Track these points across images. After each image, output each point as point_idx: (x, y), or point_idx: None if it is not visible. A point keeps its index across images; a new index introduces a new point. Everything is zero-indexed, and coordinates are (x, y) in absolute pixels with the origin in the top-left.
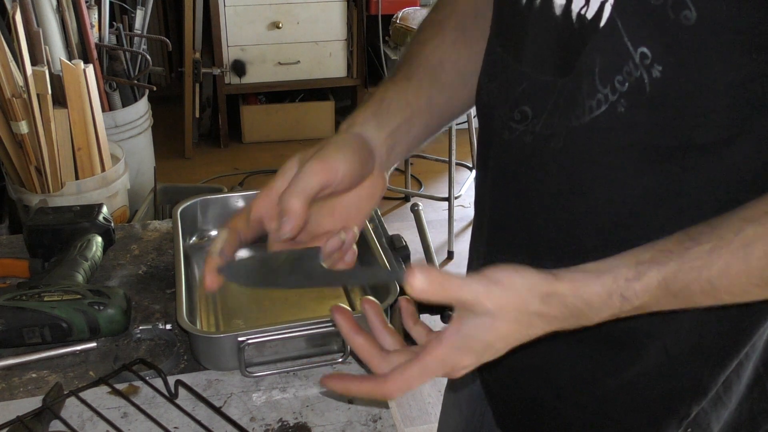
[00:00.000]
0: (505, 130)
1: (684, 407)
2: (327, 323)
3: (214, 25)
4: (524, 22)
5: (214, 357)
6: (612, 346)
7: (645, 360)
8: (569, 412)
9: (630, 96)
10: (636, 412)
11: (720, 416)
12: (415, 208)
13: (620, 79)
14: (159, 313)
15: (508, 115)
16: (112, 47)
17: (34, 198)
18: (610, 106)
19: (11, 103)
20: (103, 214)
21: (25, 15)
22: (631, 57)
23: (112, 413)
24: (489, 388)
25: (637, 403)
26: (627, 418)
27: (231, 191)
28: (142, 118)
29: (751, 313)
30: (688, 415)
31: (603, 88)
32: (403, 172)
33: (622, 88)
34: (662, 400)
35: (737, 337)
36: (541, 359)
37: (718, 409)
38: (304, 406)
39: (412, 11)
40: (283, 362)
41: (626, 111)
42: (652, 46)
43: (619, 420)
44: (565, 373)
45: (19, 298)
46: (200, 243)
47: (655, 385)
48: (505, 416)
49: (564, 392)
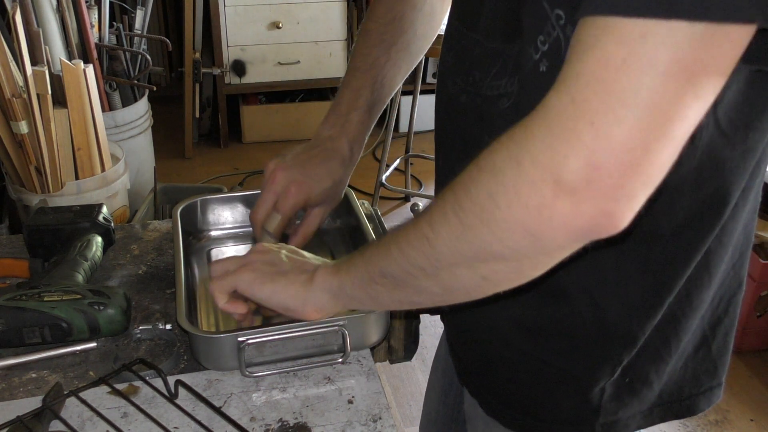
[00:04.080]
0: (461, 94)
1: (615, 354)
2: (327, 323)
3: (214, 25)
4: None
5: (214, 357)
6: (549, 297)
7: (577, 309)
8: (516, 359)
9: (550, 55)
10: (573, 358)
11: (660, 370)
12: (415, 208)
13: (542, 39)
14: (159, 313)
15: (464, 79)
16: (112, 47)
17: (34, 198)
18: (534, 65)
19: (11, 103)
20: (103, 214)
21: (25, 15)
22: (549, 19)
23: (112, 413)
24: (453, 349)
25: (574, 349)
26: (565, 363)
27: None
28: (142, 118)
29: (672, 269)
30: (620, 362)
31: (529, 48)
32: (403, 172)
33: (544, 47)
34: (595, 347)
35: (659, 289)
36: (492, 313)
37: (656, 363)
38: (304, 406)
39: None
40: (283, 362)
41: (547, 70)
42: (564, 8)
43: (558, 365)
44: (512, 325)
45: (19, 298)
46: (200, 243)
47: (588, 332)
48: (467, 374)
49: (511, 342)
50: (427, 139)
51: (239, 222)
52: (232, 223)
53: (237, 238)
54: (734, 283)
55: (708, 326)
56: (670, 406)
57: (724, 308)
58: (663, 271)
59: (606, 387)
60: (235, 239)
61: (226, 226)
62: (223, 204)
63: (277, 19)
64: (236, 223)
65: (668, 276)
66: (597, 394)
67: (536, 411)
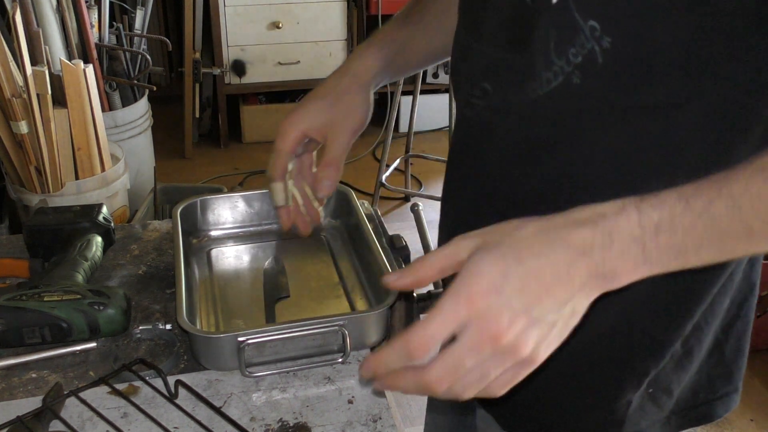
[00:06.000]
0: (466, 107)
1: (641, 365)
2: (327, 323)
3: (214, 25)
4: (483, 2)
5: (214, 357)
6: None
7: (603, 319)
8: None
9: (584, 67)
10: (598, 370)
11: (681, 379)
12: (415, 208)
13: (573, 52)
14: (159, 313)
15: (470, 92)
16: (112, 47)
17: (34, 198)
18: (566, 77)
19: (11, 103)
20: (103, 214)
21: (25, 15)
22: (582, 30)
23: (112, 413)
24: None
25: (599, 361)
26: (592, 376)
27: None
28: (142, 118)
29: (703, 278)
30: (647, 373)
31: (558, 60)
32: (403, 172)
33: (576, 60)
34: (621, 358)
35: (689, 299)
36: None
37: (678, 372)
38: (304, 406)
39: None
40: (283, 362)
41: (581, 82)
42: (600, 19)
43: (583, 378)
44: None
45: (19, 298)
46: (200, 243)
47: (614, 343)
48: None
49: None
50: (427, 139)
51: (239, 222)
52: (232, 223)
53: (237, 238)
54: (746, 286)
55: (720, 330)
56: (687, 412)
57: (735, 311)
58: (694, 280)
59: (632, 399)
60: (235, 239)
61: (226, 226)
62: (223, 204)
63: (277, 19)
64: (236, 223)
65: (699, 285)
66: (623, 406)
67: (557, 425)
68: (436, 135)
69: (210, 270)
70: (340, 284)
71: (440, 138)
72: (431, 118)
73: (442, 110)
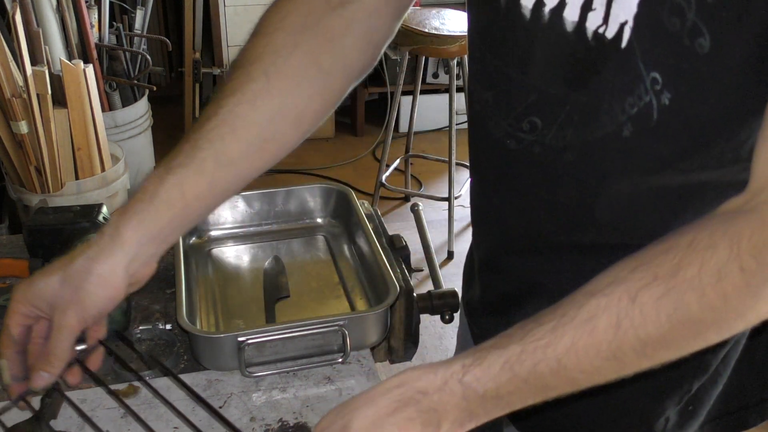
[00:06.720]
0: (510, 139)
1: (687, 383)
2: (327, 323)
3: (214, 25)
4: (530, 36)
5: (214, 357)
6: None
7: None
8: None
9: (637, 121)
10: (642, 389)
11: (716, 390)
12: (415, 208)
13: (631, 102)
14: (159, 313)
15: (515, 125)
16: (112, 47)
17: (34, 198)
18: (617, 127)
19: (11, 103)
20: (103, 214)
21: (25, 15)
22: (643, 81)
23: (111, 413)
24: None
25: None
26: (633, 394)
27: None
28: (142, 118)
29: None
30: (690, 390)
31: (616, 107)
32: (403, 172)
33: (632, 111)
34: (667, 377)
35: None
36: None
37: (715, 385)
38: (304, 406)
39: (412, 11)
40: (283, 362)
41: (631, 135)
42: (664, 72)
43: (625, 397)
44: None
45: None
46: (200, 243)
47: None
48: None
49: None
50: (427, 139)
51: (239, 222)
52: (232, 223)
53: (237, 238)
54: None
55: (749, 335)
56: (718, 421)
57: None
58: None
59: (671, 416)
60: (235, 239)
61: (226, 226)
62: (223, 204)
63: None
64: (236, 223)
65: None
66: (662, 423)
67: None
68: (436, 135)
69: (210, 270)
70: (340, 284)
71: (440, 138)
72: (431, 118)
73: (442, 110)
